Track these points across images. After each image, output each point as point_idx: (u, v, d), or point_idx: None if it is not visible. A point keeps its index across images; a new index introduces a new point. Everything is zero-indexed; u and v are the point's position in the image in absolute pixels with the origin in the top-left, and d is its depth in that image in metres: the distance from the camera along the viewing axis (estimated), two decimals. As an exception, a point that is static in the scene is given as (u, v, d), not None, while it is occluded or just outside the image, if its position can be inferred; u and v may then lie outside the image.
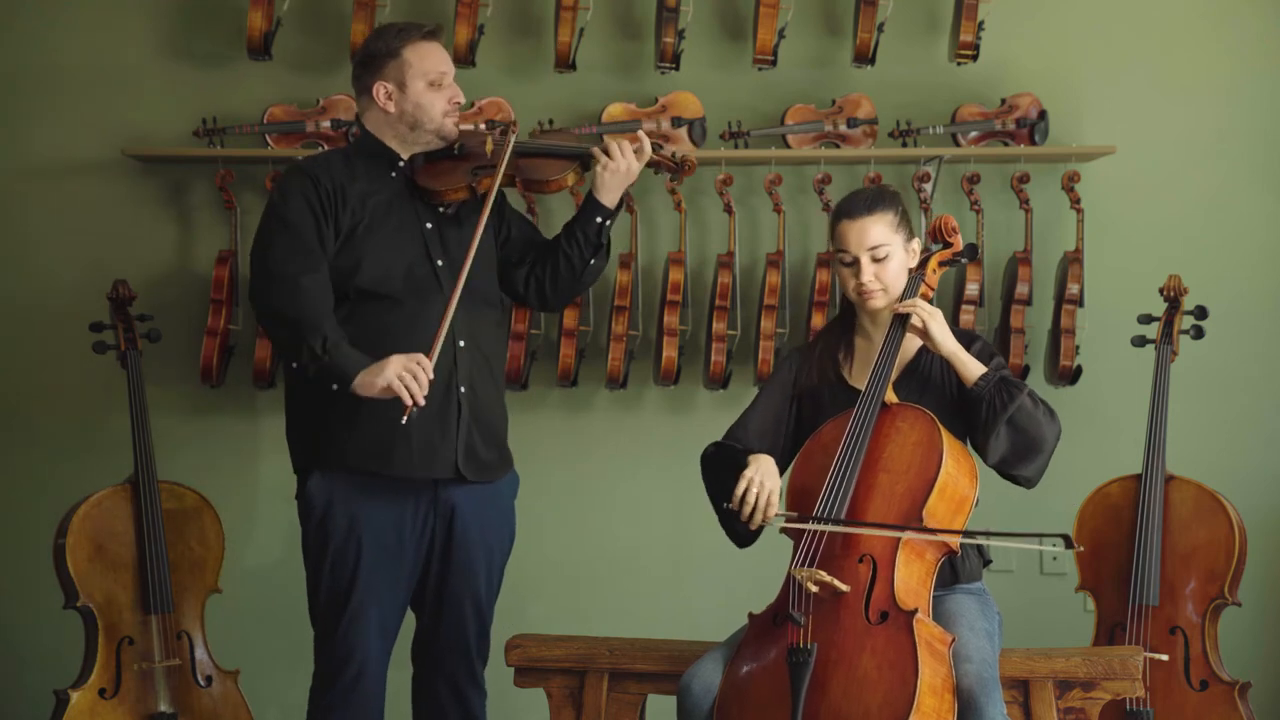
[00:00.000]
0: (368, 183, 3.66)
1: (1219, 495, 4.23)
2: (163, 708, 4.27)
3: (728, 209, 4.66)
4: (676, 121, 4.68)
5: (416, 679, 3.81)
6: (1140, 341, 4.43)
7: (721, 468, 3.45)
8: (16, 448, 4.82)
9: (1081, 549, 3.21)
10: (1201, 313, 4.40)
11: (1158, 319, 4.40)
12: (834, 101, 4.72)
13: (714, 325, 4.62)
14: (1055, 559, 4.75)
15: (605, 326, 4.68)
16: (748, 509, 3.32)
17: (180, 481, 4.41)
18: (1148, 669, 3.97)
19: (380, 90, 3.66)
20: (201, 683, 4.33)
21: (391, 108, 3.67)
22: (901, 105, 4.71)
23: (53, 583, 4.29)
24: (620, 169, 3.67)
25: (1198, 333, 4.41)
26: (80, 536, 4.25)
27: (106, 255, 4.76)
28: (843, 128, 4.68)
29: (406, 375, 3.42)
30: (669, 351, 4.61)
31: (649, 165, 3.74)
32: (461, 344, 3.62)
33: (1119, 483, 4.30)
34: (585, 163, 3.72)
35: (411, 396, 3.42)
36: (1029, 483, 3.41)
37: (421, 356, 3.45)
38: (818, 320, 4.56)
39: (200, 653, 4.34)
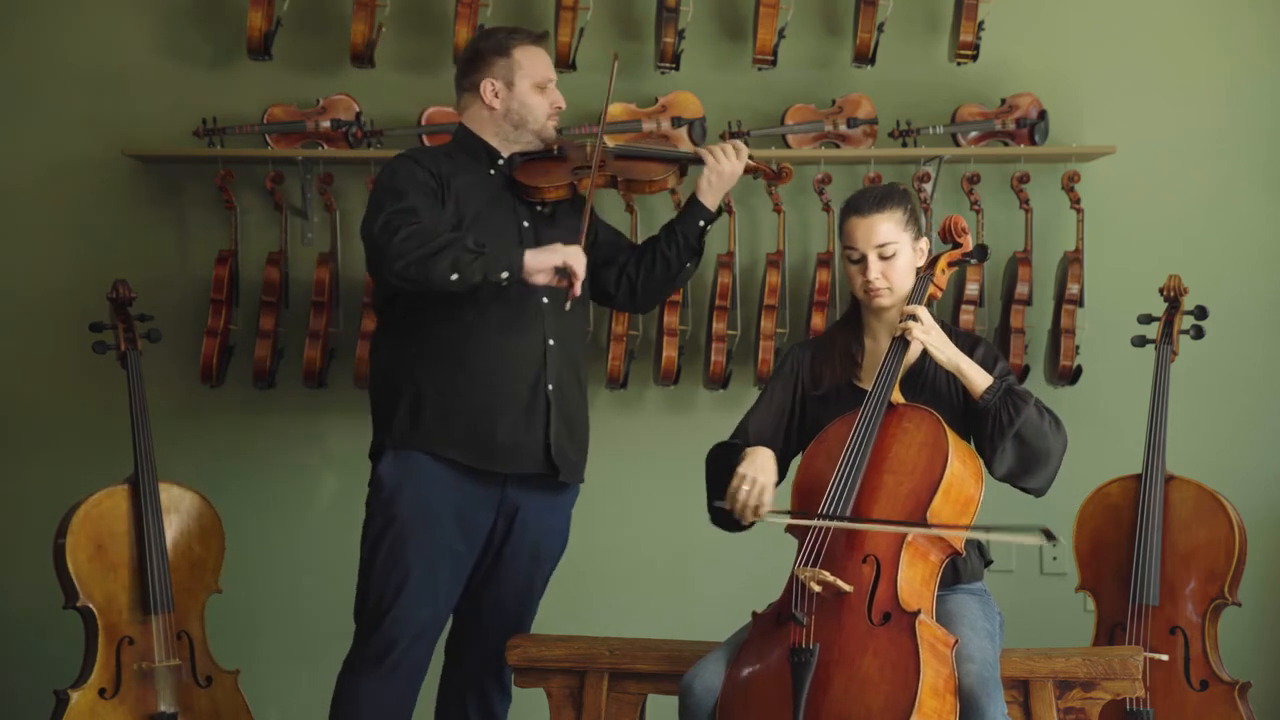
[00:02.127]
0: (470, 178, 3.73)
1: (1219, 495, 4.23)
2: (163, 708, 4.26)
3: (728, 209, 4.66)
4: (676, 121, 4.68)
5: (446, 671, 3.85)
6: (1140, 341, 4.43)
7: (721, 466, 3.45)
8: (16, 447, 4.82)
9: (1058, 542, 3.21)
10: (1201, 313, 4.40)
11: (1158, 319, 4.40)
12: (834, 101, 4.72)
13: (714, 325, 4.62)
14: (1055, 559, 4.75)
15: (606, 326, 4.68)
16: (739, 506, 3.33)
17: (180, 481, 4.41)
18: (1148, 669, 3.98)
19: (488, 87, 3.74)
20: (201, 683, 4.33)
21: (498, 105, 3.74)
22: (901, 105, 4.72)
23: (53, 583, 4.29)
24: (725, 171, 3.76)
25: (1198, 333, 4.41)
26: (80, 536, 4.24)
27: (106, 255, 4.77)
28: (843, 128, 4.68)
29: (574, 264, 3.54)
30: (669, 351, 4.61)
31: (746, 171, 3.83)
32: (551, 343, 3.69)
33: (1119, 483, 4.30)
34: (684, 168, 3.84)
35: (573, 283, 3.55)
36: (1037, 493, 3.41)
37: (579, 250, 3.57)
38: (818, 320, 4.57)
39: (200, 653, 4.34)
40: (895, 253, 3.44)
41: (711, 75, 4.79)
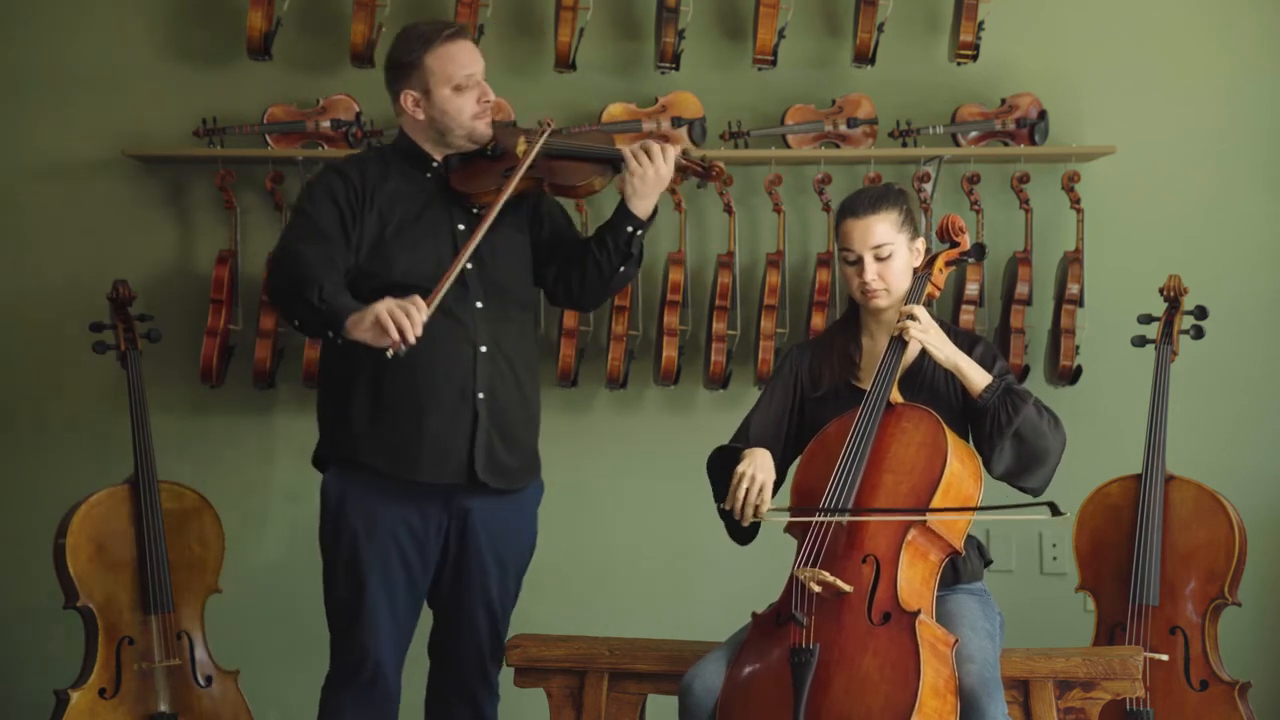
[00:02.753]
0: (401, 184, 3.65)
1: (1219, 495, 4.23)
2: (163, 708, 4.27)
3: (728, 209, 4.66)
4: (676, 121, 4.68)
5: (432, 675, 3.82)
6: (1140, 341, 4.43)
7: (722, 469, 3.45)
8: (17, 447, 4.82)
9: (1067, 514, 3.19)
10: (1201, 313, 4.40)
11: (1158, 319, 4.40)
12: (834, 101, 4.72)
13: (714, 325, 4.62)
14: (1055, 559, 4.74)
15: (605, 326, 4.68)
16: (738, 505, 3.32)
17: (180, 481, 4.41)
18: (1148, 669, 3.97)
19: (407, 98, 3.63)
20: (201, 683, 4.33)
21: (420, 115, 3.64)
22: (901, 105, 4.71)
23: (53, 583, 4.29)
24: (649, 176, 3.58)
25: (1198, 333, 4.41)
26: (80, 536, 4.24)
27: (106, 255, 4.76)
28: (843, 128, 4.68)
29: (398, 312, 3.35)
30: (669, 351, 4.61)
31: (677, 170, 3.63)
32: (483, 349, 3.59)
33: (1119, 483, 4.30)
34: (616, 166, 3.64)
35: (400, 331, 3.33)
36: (1035, 492, 3.40)
37: (417, 298, 3.38)
38: (818, 320, 4.57)
39: (200, 653, 4.34)
40: (891, 254, 3.44)
41: (711, 75, 4.79)
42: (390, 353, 3.35)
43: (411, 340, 3.35)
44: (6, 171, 4.83)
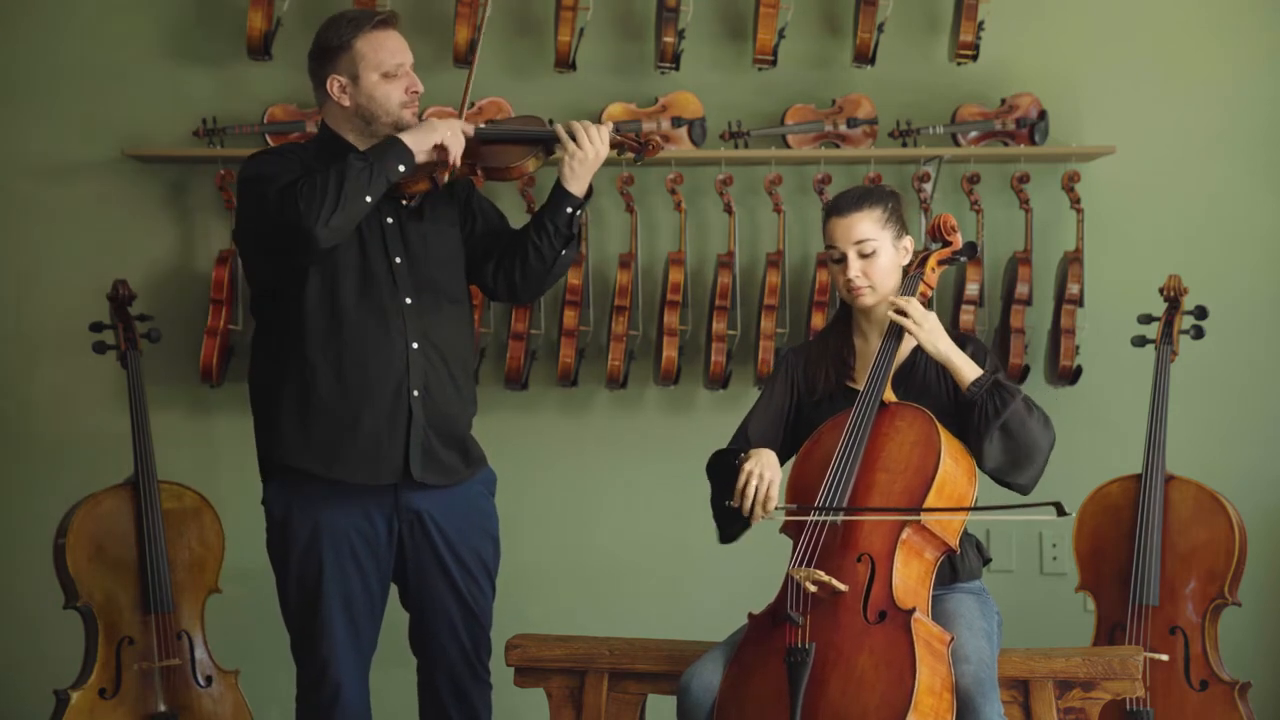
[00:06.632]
0: None
1: (1219, 495, 4.23)
2: (162, 708, 4.27)
3: (728, 209, 4.67)
4: (676, 121, 4.68)
5: (420, 671, 3.78)
6: (1140, 341, 4.43)
7: (723, 469, 3.45)
8: (17, 447, 4.82)
9: (1072, 514, 3.18)
10: (1201, 313, 4.40)
11: (1158, 319, 4.40)
12: (834, 101, 4.72)
13: (714, 325, 4.62)
14: (1055, 559, 4.75)
15: (605, 326, 4.68)
16: (748, 503, 3.32)
17: (180, 481, 4.41)
18: (1148, 669, 3.98)
19: (334, 84, 3.54)
20: (201, 683, 4.33)
21: (346, 101, 3.55)
22: (901, 105, 4.72)
23: (53, 583, 4.29)
24: (589, 156, 3.55)
25: (1198, 333, 4.41)
26: (80, 536, 4.25)
27: (106, 255, 4.77)
28: (843, 128, 4.68)
29: (449, 140, 3.49)
30: (669, 351, 4.61)
31: (612, 147, 3.59)
32: (415, 346, 3.52)
33: (1119, 483, 4.30)
34: (549, 148, 3.60)
35: (446, 145, 3.48)
36: (1024, 490, 3.37)
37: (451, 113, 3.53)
38: (818, 320, 4.57)
39: (200, 653, 4.34)
40: (874, 250, 3.44)
41: (711, 75, 4.79)
42: (446, 177, 3.50)
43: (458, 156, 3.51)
44: (6, 171, 4.83)
